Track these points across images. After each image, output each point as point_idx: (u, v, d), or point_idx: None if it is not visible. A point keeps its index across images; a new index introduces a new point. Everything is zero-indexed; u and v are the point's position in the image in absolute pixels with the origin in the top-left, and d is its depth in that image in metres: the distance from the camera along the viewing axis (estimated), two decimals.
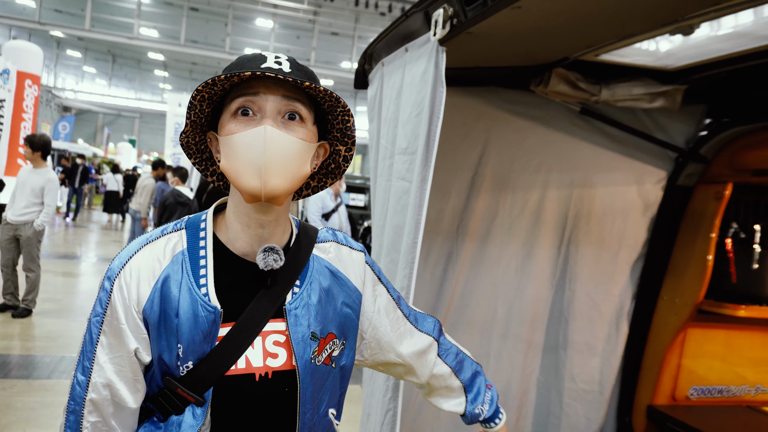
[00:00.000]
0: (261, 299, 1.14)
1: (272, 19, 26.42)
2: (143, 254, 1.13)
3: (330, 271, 1.25)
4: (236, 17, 26.43)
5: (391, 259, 2.11)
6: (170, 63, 32.63)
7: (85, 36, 25.21)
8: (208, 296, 1.10)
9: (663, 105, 2.74)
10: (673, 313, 2.98)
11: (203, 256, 1.13)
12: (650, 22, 1.94)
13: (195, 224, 1.19)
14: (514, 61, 2.45)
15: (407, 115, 2.07)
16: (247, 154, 1.04)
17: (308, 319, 1.17)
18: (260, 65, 1.07)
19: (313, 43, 26.97)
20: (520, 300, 2.94)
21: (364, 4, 22.38)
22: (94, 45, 29.81)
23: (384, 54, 2.44)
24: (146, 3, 25.93)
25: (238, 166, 1.05)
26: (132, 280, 1.10)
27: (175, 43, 25.89)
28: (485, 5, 1.61)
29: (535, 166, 2.90)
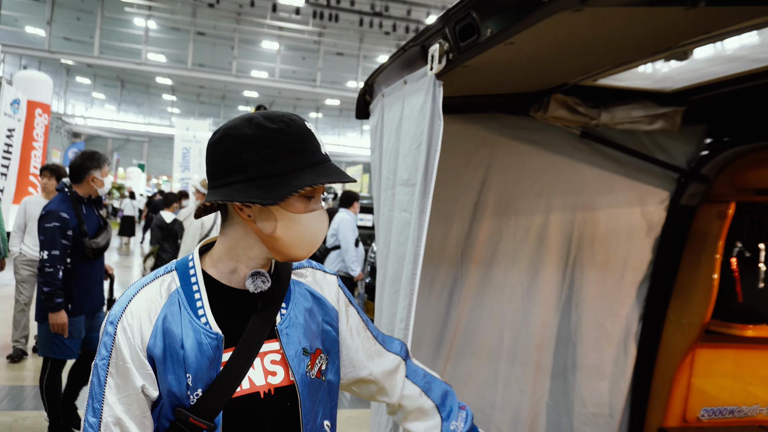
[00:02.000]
0: (255, 322, 1.25)
1: (278, 41, 26.71)
2: (141, 297, 1.21)
3: (309, 292, 1.39)
4: (242, 40, 26.75)
5: (395, 290, 2.12)
6: (178, 87, 32.99)
7: (94, 63, 25.58)
8: (209, 324, 1.20)
9: (663, 126, 2.75)
10: (681, 333, 2.97)
11: (197, 290, 1.23)
12: (644, 50, 1.97)
13: (184, 264, 1.29)
14: (512, 88, 2.47)
15: (407, 147, 2.10)
16: (312, 232, 1.23)
17: (298, 336, 1.30)
18: (321, 150, 1.21)
19: (318, 64, 27.23)
20: (526, 325, 2.94)
21: (369, 24, 22.60)
22: (103, 71, 30.21)
23: (384, 85, 2.47)
24: (153, 29, 26.30)
25: (299, 240, 1.22)
26: (134, 321, 1.17)
27: (182, 67, 26.21)
28: (478, 42, 1.63)
29: (538, 190, 2.91)
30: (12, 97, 10.60)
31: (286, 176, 1.15)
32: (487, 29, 1.57)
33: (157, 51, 27.45)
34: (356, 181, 1.22)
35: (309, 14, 22.48)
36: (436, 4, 22.46)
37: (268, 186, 1.15)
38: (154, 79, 30.49)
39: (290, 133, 1.18)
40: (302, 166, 1.17)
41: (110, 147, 37.26)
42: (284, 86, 27.69)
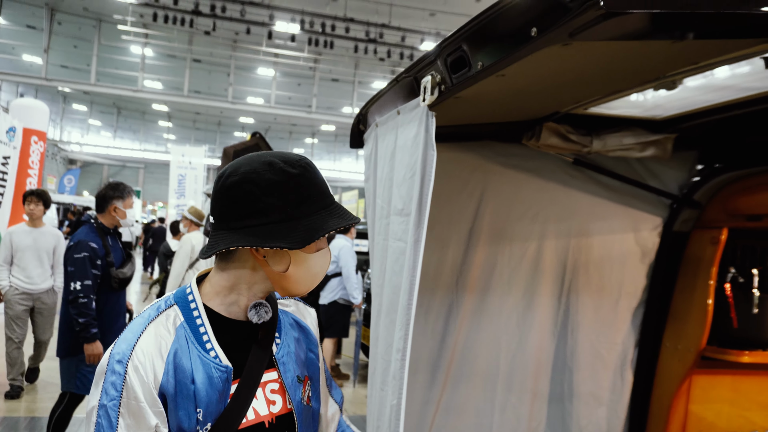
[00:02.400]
0: (255, 353, 1.27)
1: (273, 68, 26.90)
2: (150, 333, 1.20)
3: (295, 321, 1.44)
4: (238, 67, 26.94)
5: (391, 320, 2.12)
6: (174, 113, 33.13)
7: (91, 90, 25.70)
8: (218, 358, 1.21)
9: (654, 153, 2.78)
10: (677, 359, 2.97)
11: (201, 324, 1.23)
12: (633, 81, 2.00)
13: (183, 298, 1.28)
14: (504, 118, 2.50)
15: (401, 177, 2.11)
16: (318, 269, 1.26)
17: (293, 364, 1.34)
18: (332, 194, 1.26)
19: (314, 90, 27.40)
20: (522, 351, 2.94)
21: (363, 50, 22.78)
22: (99, 98, 30.36)
23: (378, 115, 2.50)
24: (150, 56, 26.49)
25: (307, 276, 1.25)
26: (146, 359, 1.15)
27: (178, 94, 26.35)
28: (470, 74, 1.66)
29: (532, 217, 2.93)
30: (8, 124, 10.61)
31: (306, 219, 1.18)
32: (478, 62, 1.59)
33: (153, 78, 27.60)
34: (360, 221, 1.23)
35: (304, 41, 22.66)
36: (430, 30, 22.68)
37: (291, 229, 1.17)
38: (150, 105, 30.62)
39: (308, 177, 1.22)
40: (319, 208, 1.21)
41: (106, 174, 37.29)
42: (280, 112, 27.84)
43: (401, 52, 23.12)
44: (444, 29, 22.59)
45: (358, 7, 21.57)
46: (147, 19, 21.39)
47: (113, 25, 23.14)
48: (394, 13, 21.93)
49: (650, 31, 1.25)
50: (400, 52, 23.13)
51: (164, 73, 27.69)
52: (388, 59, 23.59)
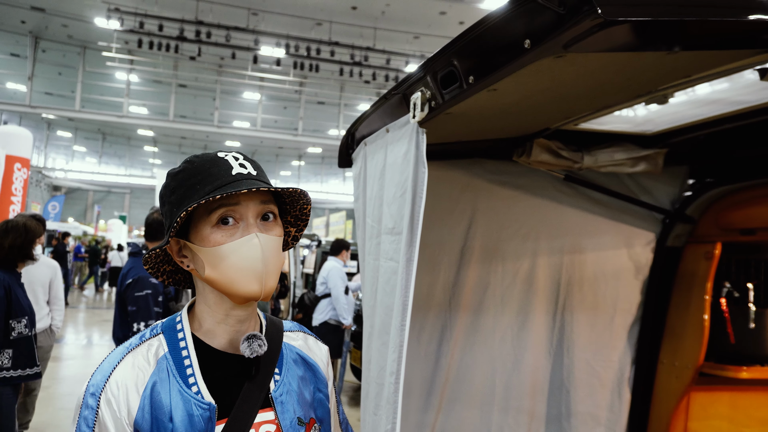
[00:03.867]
0: (248, 390, 1.15)
1: (259, 92, 26.97)
2: (126, 364, 1.11)
3: (301, 357, 1.31)
4: (224, 91, 26.99)
5: (383, 342, 2.07)
6: (159, 138, 33.06)
7: (76, 116, 25.60)
8: (201, 393, 1.10)
9: (645, 169, 2.76)
10: (674, 376, 2.93)
11: (186, 356, 1.14)
12: (625, 94, 1.98)
13: (171, 326, 1.19)
14: (495, 134, 2.47)
15: (392, 196, 2.07)
16: (244, 263, 1.09)
17: (293, 405, 1.21)
18: (231, 172, 1.12)
19: (300, 113, 27.49)
20: (518, 371, 2.88)
21: (349, 73, 22.89)
22: (84, 125, 30.24)
23: (366, 134, 2.47)
24: (135, 82, 26.47)
25: (233, 274, 1.10)
26: (120, 392, 1.07)
27: (164, 119, 26.32)
28: (461, 89, 1.63)
29: (524, 235, 2.89)
30: None
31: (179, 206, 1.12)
32: (469, 77, 1.56)
33: (138, 103, 27.57)
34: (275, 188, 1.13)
35: (290, 65, 22.75)
36: (414, 53, 22.86)
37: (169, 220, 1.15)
38: (135, 131, 30.53)
39: (191, 170, 1.14)
40: (200, 194, 1.10)
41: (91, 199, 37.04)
42: (266, 135, 27.87)
43: (386, 75, 23.28)
44: (428, 51, 22.76)
45: (343, 30, 21.73)
46: (132, 46, 21.42)
47: (98, 51, 23.14)
48: (378, 36, 22.12)
49: (646, 41, 1.23)
50: (386, 75, 23.29)
51: (149, 99, 27.68)
52: (373, 81, 23.75)
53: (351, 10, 20.78)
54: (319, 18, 21.33)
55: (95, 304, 17.41)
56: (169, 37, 20.39)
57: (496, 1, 18.20)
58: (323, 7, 20.44)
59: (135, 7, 19.82)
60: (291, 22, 21.30)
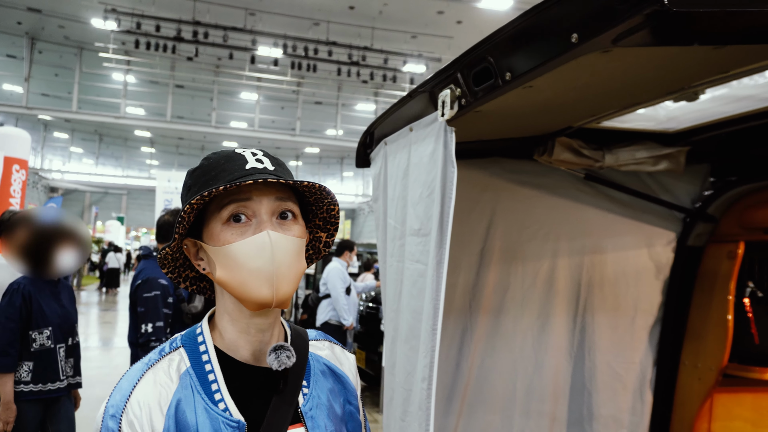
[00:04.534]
0: (277, 405, 1.07)
1: (257, 92, 26.88)
2: (147, 381, 1.04)
3: (329, 368, 1.23)
4: (221, 92, 26.88)
5: (411, 346, 2.01)
6: (157, 139, 32.95)
7: (72, 118, 25.48)
8: (228, 411, 1.03)
9: (667, 167, 2.71)
10: (697, 378, 2.88)
11: (210, 371, 1.07)
12: (657, 92, 1.93)
13: (192, 339, 1.12)
14: (519, 133, 2.43)
15: (417, 196, 2.02)
16: (253, 263, 1.01)
17: (324, 419, 1.13)
18: (245, 167, 1.05)
19: (297, 113, 27.40)
20: (539, 374, 2.83)
21: (347, 73, 22.82)
22: (81, 126, 30.12)
23: (386, 133, 2.41)
24: (132, 83, 26.36)
25: (243, 276, 1.01)
26: (143, 412, 1.00)
27: (161, 120, 26.19)
28: (496, 86, 1.57)
29: (544, 235, 2.84)
30: None
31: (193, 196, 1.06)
32: (506, 73, 1.51)
33: (135, 104, 27.44)
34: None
35: (287, 65, 22.64)
36: (412, 52, 22.79)
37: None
38: (132, 132, 30.40)
39: (207, 166, 1.09)
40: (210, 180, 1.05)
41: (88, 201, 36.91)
42: (263, 136, 27.77)
43: (384, 74, 23.21)
44: (426, 51, 22.75)
45: (341, 30, 21.65)
46: (129, 46, 21.27)
47: (94, 52, 23.01)
48: (376, 36, 22.04)
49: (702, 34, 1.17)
50: (383, 74, 23.21)
51: (147, 100, 27.57)
52: (371, 81, 23.66)
53: (348, 10, 20.70)
54: (316, 18, 21.24)
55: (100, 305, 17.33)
56: (166, 38, 20.27)
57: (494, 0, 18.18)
58: (321, 7, 20.36)
59: (132, 8, 19.71)
60: (288, 22, 21.21)
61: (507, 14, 19.49)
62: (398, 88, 24.99)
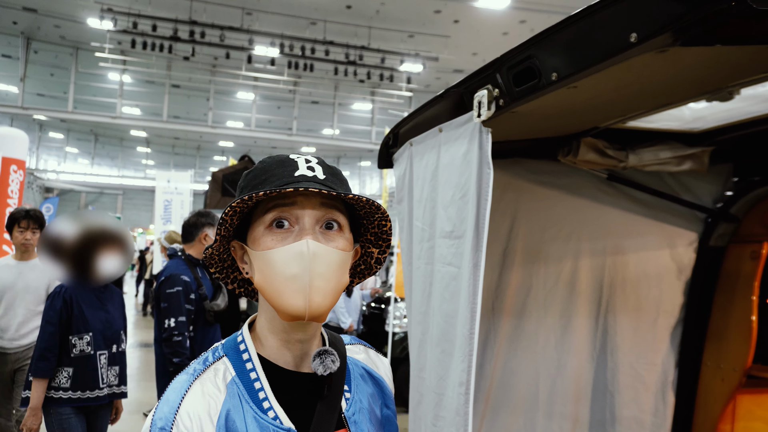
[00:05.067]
0: (321, 411, 1.06)
1: (253, 92, 26.79)
2: (195, 392, 1.01)
3: (367, 372, 1.22)
4: (218, 91, 26.78)
5: (443, 350, 1.99)
6: (153, 139, 32.81)
7: (68, 117, 25.34)
8: (279, 419, 1.01)
9: (691, 167, 2.69)
10: (720, 379, 2.86)
11: (256, 379, 1.04)
12: (695, 91, 1.90)
13: (233, 347, 1.09)
14: (546, 133, 2.40)
15: (449, 198, 2.00)
16: (289, 271, 0.98)
17: (366, 424, 1.13)
18: (293, 173, 1.03)
19: (294, 113, 27.33)
20: (562, 375, 2.81)
21: (343, 72, 22.75)
22: (76, 126, 29.95)
23: (412, 134, 2.39)
24: (128, 83, 26.24)
25: (279, 284, 0.99)
26: (193, 424, 0.97)
27: (157, 119, 26.08)
28: (539, 86, 1.55)
29: (566, 236, 2.82)
30: None
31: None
32: (552, 73, 1.49)
33: (131, 104, 27.30)
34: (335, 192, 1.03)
35: (284, 64, 22.54)
36: (409, 51, 22.73)
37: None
38: (128, 131, 30.26)
39: (260, 169, 1.07)
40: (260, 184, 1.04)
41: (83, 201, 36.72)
42: (260, 135, 27.68)
43: (381, 74, 23.13)
44: (423, 50, 22.70)
45: (338, 30, 21.59)
46: (125, 46, 21.17)
47: (90, 52, 22.87)
48: (373, 36, 21.99)
49: None
50: (380, 74, 23.14)
51: (143, 99, 27.44)
52: (368, 81, 23.60)
53: (345, 9, 20.64)
54: (313, 17, 21.17)
55: None
56: (162, 38, 20.16)
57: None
58: (318, 6, 20.30)
59: (128, 8, 19.59)
60: (285, 22, 21.13)
61: (504, 13, 19.51)
62: (395, 87, 24.96)
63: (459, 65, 24.78)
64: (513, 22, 20.44)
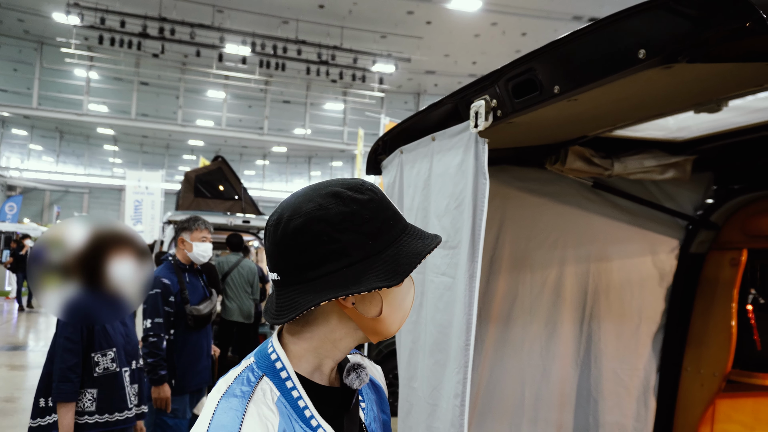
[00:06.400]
0: (349, 423, 1.10)
1: (224, 90, 26.52)
2: (253, 416, 0.96)
3: (370, 380, 1.25)
4: (188, 90, 26.46)
5: (436, 360, 1.98)
6: (120, 137, 32.25)
7: (32, 114, 24.76)
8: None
9: (674, 176, 2.73)
10: (700, 384, 2.91)
11: (299, 397, 1.04)
12: (686, 103, 1.92)
13: (269, 366, 1.05)
14: (536, 142, 2.41)
15: (443, 208, 1.99)
16: (409, 302, 1.09)
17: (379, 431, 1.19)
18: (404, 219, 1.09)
19: (265, 112, 27.13)
20: (547, 382, 2.83)
21: (315, 72, 22.65)
22: (41, 123, 29.28)
23: (403, 141, 2.37)
24: (95, 79, 25.74)
25: (402, 313, 1.08)
26: None
27: (125, 117, 25.65)
28: (539, 99, 1.55)
29: (551, 243, 2.84)
30: None
31: (392, 248, 1.01)
32: (554, 86, 1.49)
33: (98, 101, 26.80)
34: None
35: (255, 63, 22.36)
36: (381, 52, 22.75)
37: (383, 264, 0.99)
38: (95, 129, 29.69)
39: (379, 200, 1.03)
40: (399, 233, 1.03)
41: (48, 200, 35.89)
42: (230, 134, 27.42)
43: (353, 74, 23.10)
44: (395, 51, 22.74)
45: (310, 29, 21.49)
46: (92, 42, 20.76)
47: (56, 48, 22.41)
48: (345, 36, 21.95)
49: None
50: (352, 74, 23.10)
51: (110, 97, 26.96)
52: (340, 81, 23.54)
53: (318, 9, 20.56)
54: (285, 16, 21.04)
55: None
56: (131, 34, 19.82)
57: (463, 0, 18.26)
58: (290, 5, 20.18)
59: (96, 2, 19.21)
60: (257, 20, 20.96)
61: (476, 15, 19.65)
62: (367, 87, 24.95)
63: (431, 66, 24.88)
64: (485, 24, 20.61)
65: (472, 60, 24.16)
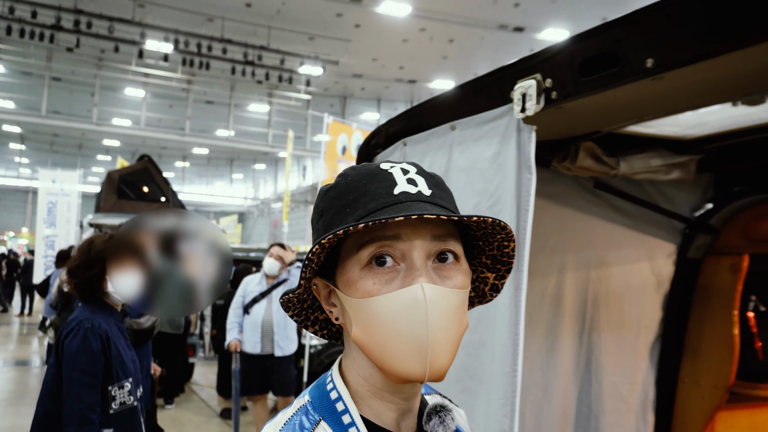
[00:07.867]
0: None
1: (143, 88, 25.35)
2: None
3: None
4: (104, 87, 25.11)
5: (464, 387, 1.69)
6: (28, 135, 30.28)
7: None
8: None
9: (679, 176, 2.57)
10: (699, 396, 2.76)
11: None
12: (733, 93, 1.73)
13: (329, 408, 0.84)
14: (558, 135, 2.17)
15: (471, 207, 1.71)
16: (401, 326, 0.76)
17: None
18: (392, 190, 0.80)
19: (187, 112, 26.15)
20: (548, 400, 2.59)
21: (241, 72, 21.99)
22: None
23: (407, 132, 2.08)
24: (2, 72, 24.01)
25: (387, 343, 0.77)
26: None
27: (34, 114, 24.05)
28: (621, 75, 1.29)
29: (552, 247, 2.61)
30: None
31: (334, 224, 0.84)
32: (647, 59, 1.23)
33: (5, 96, 24.99)
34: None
35: (178, 61, 21.48)
36: (309, 54, 22.34)
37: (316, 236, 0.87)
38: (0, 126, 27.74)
39: (344, 186, 0.84)
40: (350, 220, 0.80)
41: None
42: (149, 135, 26.24)
43: (280, 75, 22.60)
44: (323, 53, 22.41)
45: (236, 28, 20.83)
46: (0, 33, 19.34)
47: None
48: (273, 36, 21.42)
49: None
50: (279, 75, 22.59)
51: (18, 92, 25.22)
52: (266, 82, 22.98)
53: (245, 7, 19.96)
54: (210, 13, 20.30)
55: None
56: (43, 26, 18.58)
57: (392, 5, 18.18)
58: (216, 2, 19.47)
59: None
60: (180, 17, 20.11)
61: (404, 21, 19.62)
62: (293, 89, 24.51)
63: (359, 70, 24.68)
64: (413, 30, 20.61)
65: (400, 65, 24.16)
